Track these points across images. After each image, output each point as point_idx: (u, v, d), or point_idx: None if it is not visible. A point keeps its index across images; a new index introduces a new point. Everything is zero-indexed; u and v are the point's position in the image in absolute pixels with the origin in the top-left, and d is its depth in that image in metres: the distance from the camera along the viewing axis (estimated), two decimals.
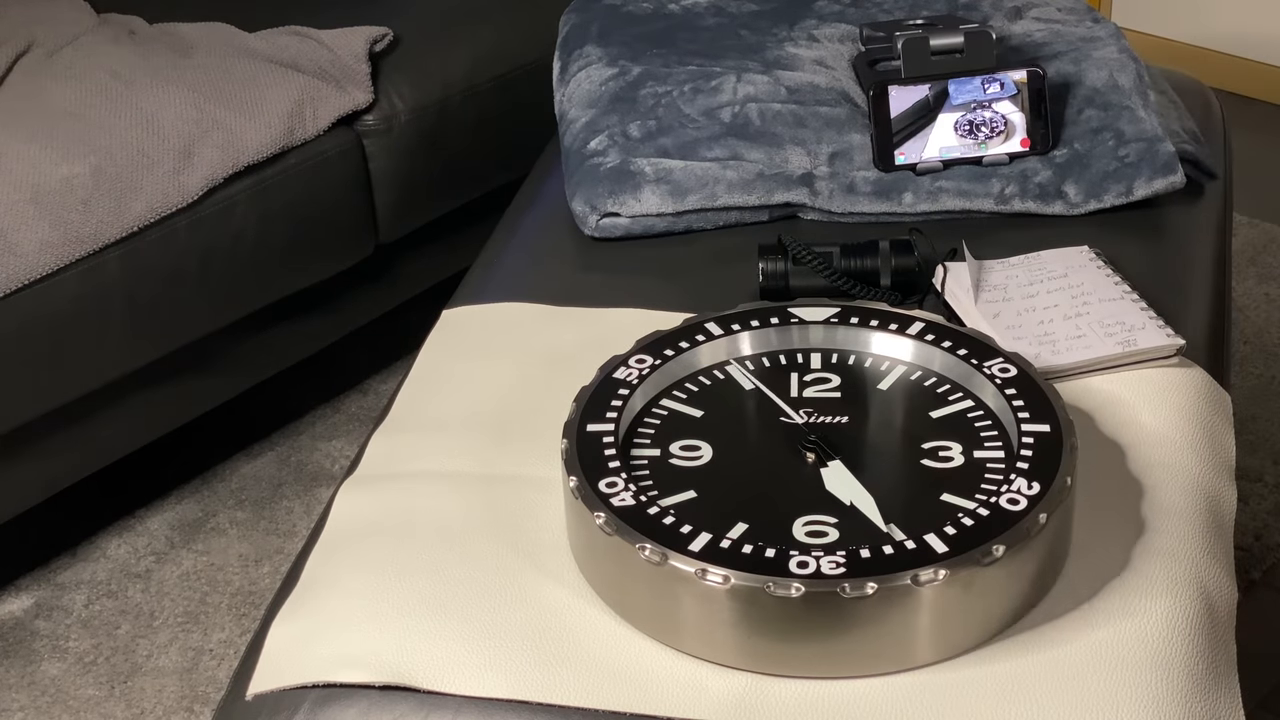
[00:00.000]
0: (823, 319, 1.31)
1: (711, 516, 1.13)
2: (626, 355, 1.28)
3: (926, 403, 1.25)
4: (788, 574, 1.05)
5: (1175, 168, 1.61)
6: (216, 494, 2.33)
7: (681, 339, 1.30)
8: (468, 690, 1.10)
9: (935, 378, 1.27)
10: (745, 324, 1.31)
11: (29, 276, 1.92)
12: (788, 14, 1.86)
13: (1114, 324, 1.40)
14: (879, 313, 1.31)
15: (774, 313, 1.32)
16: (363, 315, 2.43)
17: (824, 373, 1.29)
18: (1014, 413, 1.19)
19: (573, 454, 1.17)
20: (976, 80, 1.61)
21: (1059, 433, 1.16)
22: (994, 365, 1.24)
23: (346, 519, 1.29)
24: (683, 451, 1.21)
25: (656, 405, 1.26)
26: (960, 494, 1.14)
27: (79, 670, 2.03)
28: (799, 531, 1.12)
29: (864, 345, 1.30)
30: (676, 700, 1.08)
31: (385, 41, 2.29)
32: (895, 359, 1.29)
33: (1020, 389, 1.21)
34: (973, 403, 1.24)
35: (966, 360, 1.25)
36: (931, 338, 1.28)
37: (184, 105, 2.09)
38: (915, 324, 1.30)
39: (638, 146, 1.66)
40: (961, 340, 1.28)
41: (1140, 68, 1.72)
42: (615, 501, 1.12)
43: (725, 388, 1.28)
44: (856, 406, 1.25)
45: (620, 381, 1.25)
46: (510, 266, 1.65)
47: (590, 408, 1.22)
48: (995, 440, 1.19)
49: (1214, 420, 1.36)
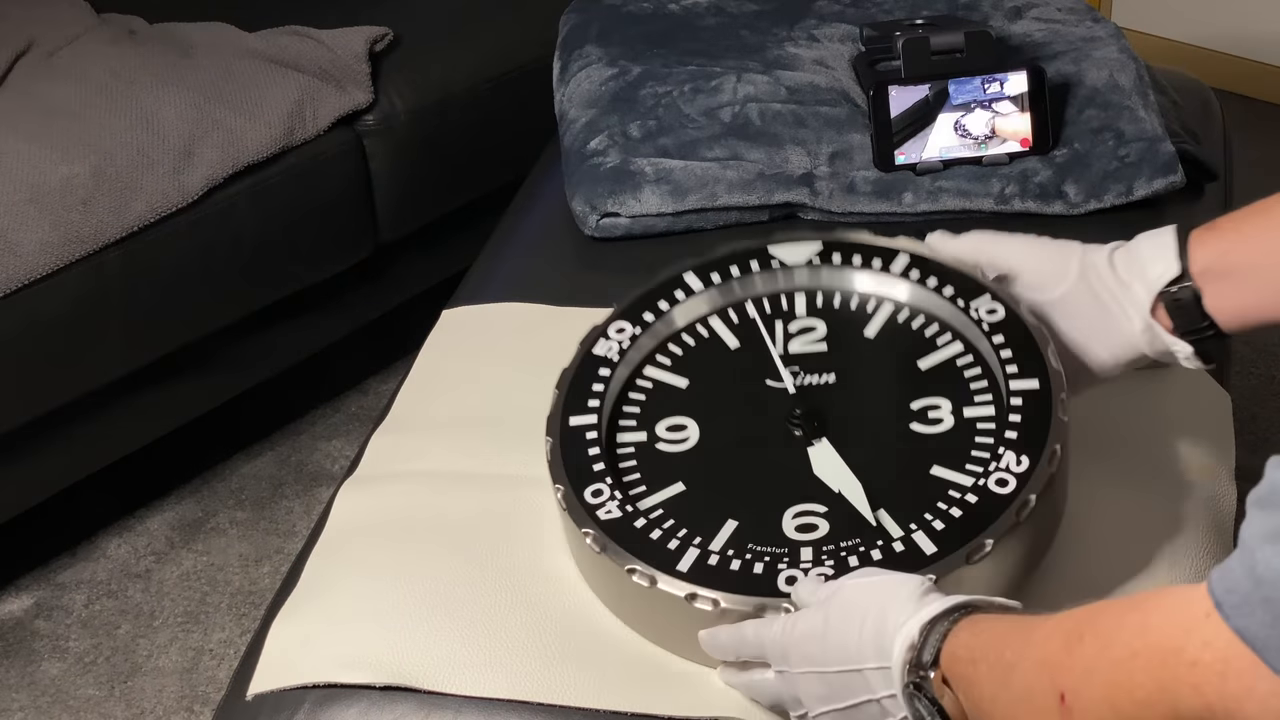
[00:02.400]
0: (804, 260, 1.27)
1: (700, 514, 1.11)
2: (605, 324, 1.25)
3: (914, 349, 1.21)
4: (777, 593, 1.04)
5: (1175, 167, 1.61)
6: (216, 494, 2.33)
7: (660, 297, 1.26)
8: (468, 690, 1.10)
9: (923, 317, 1.23)
10: (725, 274, 1.27)
11: (29, 276, 1.92)
12: (788, 14, 1.86)
13: None
14: (862, 247, 1.27)
15: (753, 255, 1.28)
16: (363, 315, 2.43)
17: (809, 319, 1.25)
18: (1001, 366, 1.15)
19: (557, 456, 1.16)
20: (976, 80, 1.61)
21: (1048, 389, 1.12)
22: (980, 307, 1.19)
23: (346, 519, 1.29)
24: (669, 434, 1.19)
25: (640, 376, 1.23)
26: (950, 465, 1.12)
27: (79, 670, 2.03)
28: (789, 526, 1.10)
29: (848, 285, 1.26)
30: (677, 700, 1.08)
31: (385, 41, 2.29)
32: (881, 297, 1.25)
33: (1008, 335, 1.16)
34: (962, 346, 1.20)
35: (952, 301, 1.20)
36: (916, 275, 1.23)
37: (184, 105, 2.09)
38: (899, 259, 1.25)
39: (638, 146, 1.66)
40: (947, 277, 1.22)
41: (1140, 67, 1.72)
42: (602, 515, 1.10)
43: (709, 348, 1.25)
44: (843, 361, 1.21)
45: (601, 359, 1.23)
46: (510, 266, 1.65)
47: (572, 395, 1.20)
48: (985, 394, 1.16)
49: (1214, 420, 1.36)
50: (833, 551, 1.07)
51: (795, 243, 1.28)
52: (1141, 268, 1.11)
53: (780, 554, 1.07)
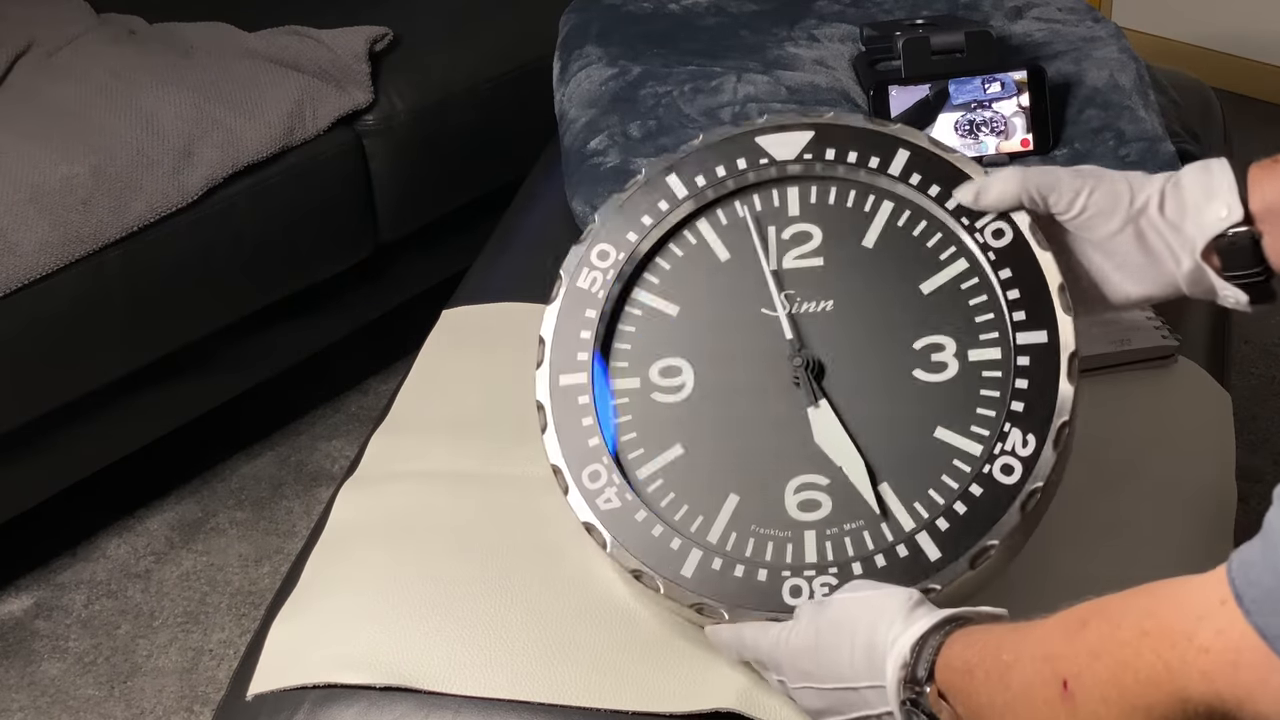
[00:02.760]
0: (795, 154, 1.18)
1: (700, 487, 1.10)
2: (588, 250, 1.18)
3: (916, 267, 1.13)
4: (784, 608, 1.03)
5: (1175, 167, 1.61)
6: (216, 494, 2.33)
7: (645, 212, 1.18)
8: (468, 690, 1.10)
9: (925, 221, 1.14)
10: (711, 175, 1.18)
11: (29, 276, 1.92)
12: (788, 14, 1.85)
13: (1110, 323, 1.40)
14: (857, 133, 1.17)
15: (742, 150, 1.19)
16: (363, 315, 2.43)
17: (803, 223, 1.17)
18: (1008, 308, 1.09)
19: (550, 430, 1.12)
20: (977, 80, 1.61)
21: (1056, 345, 1.07)
22: (986, 229, 1.11)
23: (346, 519, 1.29)
24: (663, 379, 1.15)
25: (629, 303, 1.17)
26: (954, 427, 1.08)
27: (79, 670, 2.03)
28: (791, 503, 1.08)
29: (844, 184, 1.17)
30: (677, 699, 1.08)
31: (385, 41, 2.29)
32: (880, 191, 1.16)
33: (1015, 269, 1.09)
34: (966, 264, 1.12)
35: (956, 217, 1.13)
36: (918, 180, 1.15)
37: (184, 105, 2.09)
38: (898, 157, 1.16)
39: (638, 146, 1.66)
40: (949, 183, 1.13)
41: (1141, 67, 1.72)
42: (602, 503, 1.09)
43: (699, 260, 1.18)
44: (841, 283, 1.14)
45: (587, 295, 1.16)
46: (510, 266, 1.65)
47: (558, 346, 1.15)
48: (990, 330, 1.10)
49: (1214, 420, 1.36)
50: (835, 537, 1.06)
51: (784, 131, 1.19)
52: (1197, 208, 1.04)
53: (784, 539, 1.07)
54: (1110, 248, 1.08)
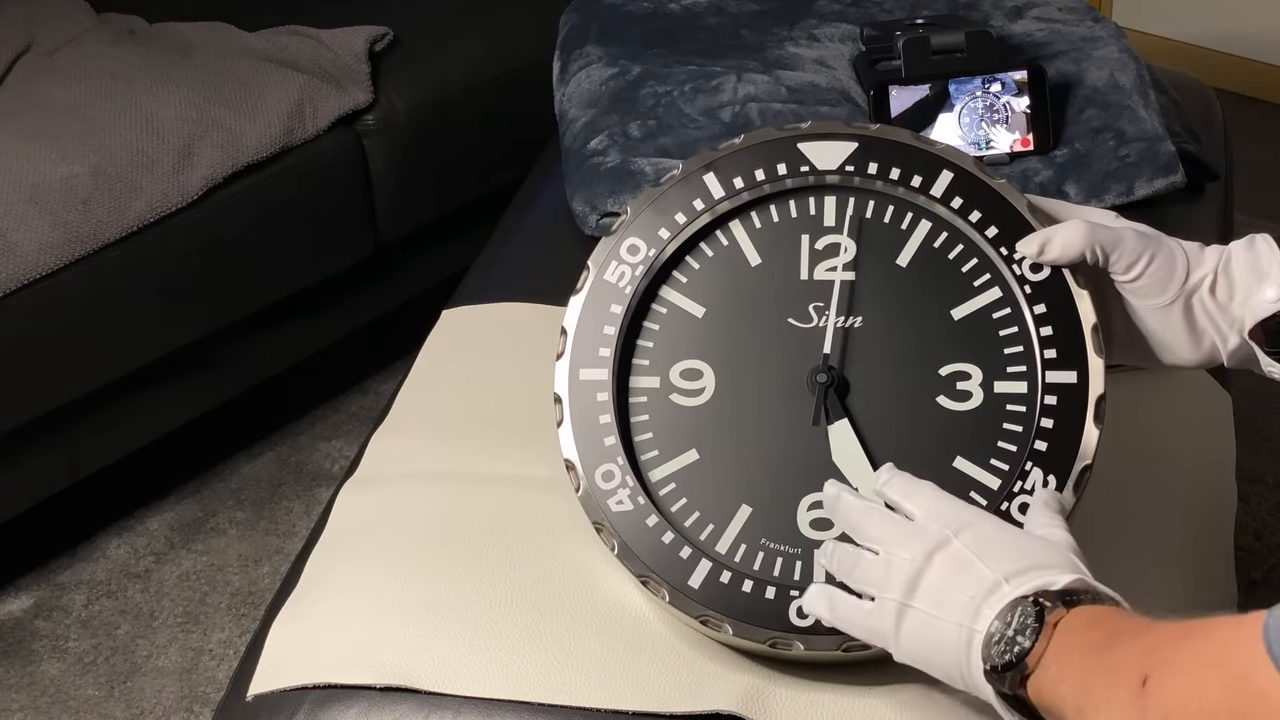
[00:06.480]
0: (837, 165, 1.15)
1: (712, 495, 1.09)
2: (618, 243, 1.15)
3: (949, 290, 1.11)
4: (789, 628, 1.03)
5: (1176, 167, 1.61)
6: (216, 494, 2.33)
7: (679, 209, 1.15)
8: (468, 690, 1.10)
9: (962, 245, 1.12)
10: (750, 179, 1.15)
11: (29, 276, 1.92)
12: (788, 13, 1.85)
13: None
14: (903, 150, 1.14)
15: (782, 155, 1.15)
16: (363, 315, 2.43)
17: (837, 235, 1.14)
18: (1040, 345, 1.08)
19: (566, 424, 1.11)
20: (977, 80, 1.61)
21: (1085, 388, 1.06)
22: (1025, 260, 1.09)
23: (346, 519, 1.29)
24: (684, 381, 1.13)
25: (655, 299, 1.15)
26: (974, 459, 1.07)
27: (79, 670, 2.03)
28: (803, 520, 1.08)
29: (883, 199, 1.15)
30: (678, 700, 1.08)
31: (385, 41, 2.29)
32: (919, 210, 1.14)
33: (1050, 305, 1.08)
34: (1000, 292, 1.10)
35: (995, 245, 1.10)
36: (959, 204, 1.12)
37: (184, 105, 2.10)
38: (942, 177, 1.13)
39: (638, 146, 1.66)
40: (991, 211, 1.11)
41: (1141, 67, 1.72)
42: (614, 504, 1.08)
43: (730, 262, 1.15)
44: (872, 298, 1.12)
45: (613, 289, 1.14)
46: (510, 266, 1.65)
47: (581, 339, 1.13)
48: (1018, 363, 1.08)
49: (1214, 420, 1.36)
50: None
51: (828, 140, 1.16)
52: (1246, 289, 1.05)
53: (794, 555, 1.06)
54: (1157, 316, 1.09)
